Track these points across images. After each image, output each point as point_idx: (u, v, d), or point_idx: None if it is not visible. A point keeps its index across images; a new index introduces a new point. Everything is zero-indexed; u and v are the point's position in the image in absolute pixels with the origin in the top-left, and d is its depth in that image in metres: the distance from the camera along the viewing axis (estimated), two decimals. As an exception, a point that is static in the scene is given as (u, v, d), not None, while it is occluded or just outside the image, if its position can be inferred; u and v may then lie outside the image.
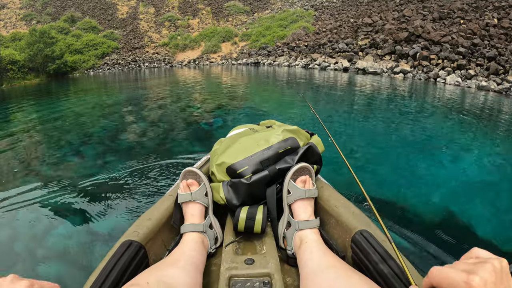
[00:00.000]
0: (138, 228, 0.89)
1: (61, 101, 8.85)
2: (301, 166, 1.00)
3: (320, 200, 1.03)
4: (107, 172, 3.05)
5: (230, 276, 0.78)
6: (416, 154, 3.22)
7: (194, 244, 0.88)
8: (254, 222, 0.93)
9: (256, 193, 1.01)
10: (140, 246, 0.83)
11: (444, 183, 2.49)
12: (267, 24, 23.60)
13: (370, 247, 0.77)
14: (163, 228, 0.97)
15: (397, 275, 0.67)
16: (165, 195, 1.09)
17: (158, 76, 14.68)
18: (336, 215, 0.94)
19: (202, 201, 0.99)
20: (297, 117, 5.12)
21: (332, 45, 16.02)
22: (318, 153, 1.11)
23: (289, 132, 1.13)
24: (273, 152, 1.05)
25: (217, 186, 1.04)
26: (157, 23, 26.94)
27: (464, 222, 1.97)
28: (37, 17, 26.59)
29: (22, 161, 3.65)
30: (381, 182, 2.48)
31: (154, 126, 4.95)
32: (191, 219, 0.96)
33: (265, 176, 1.00)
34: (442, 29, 12.46)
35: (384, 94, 7.30)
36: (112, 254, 0.78)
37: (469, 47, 10.61)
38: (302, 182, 0.98)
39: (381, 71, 11.57)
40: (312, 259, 0.77)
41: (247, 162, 1.03)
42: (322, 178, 1.17)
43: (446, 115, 5.12)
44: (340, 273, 0.69)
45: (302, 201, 0.96)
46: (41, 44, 17.42)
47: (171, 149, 3.80)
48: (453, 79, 9.25)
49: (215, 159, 1.10)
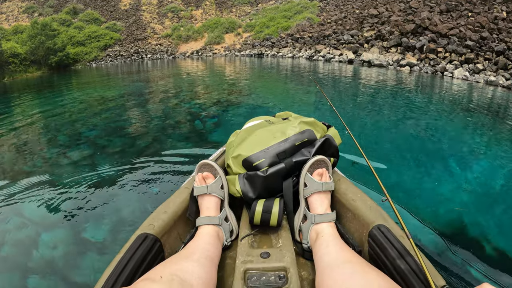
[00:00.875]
0: (154, 221, 0.89)
1: (63, 94, 8.85)
2: (318, 159, 0.99)
3: (336, 193, 1.02)
4: (120, 165, 3.05)
5: (246, 269, 0.78)
6: (437, 150, 3.14)
7: (209, 237, 0.88)
8: (270, 215, 0.93)
9: (272, 186, 1.01)
10: (155, 239, 0.83)
11: (464, 183, 2.41)
12: (271, 15, 23.32)
13: (388, 243, 0.76)
14: (179, 221, 0.97)
15: (415, 272, 0.67)
16: (181, 188, 1.09)
17: (161, 68, 14.61)
18: (353, 209, 0.93)
19: (217, 194, 0.99)
20: (311, 109, 5.07)
21: (337, 36, 15.82)
22: (335, 146, 1.10)
23: (306, 124, 1.12)
24: (289, 145, 1.04)
25: (233, 178, 1.04)
26: (160, 14, 26.69)
27: (484, 225, 1.92)
28: (39, 9, 26.42)
29: (30, 152, 3.67)
30: (399, 176, 2.43)
31: (164, 119, 4.94)
32: (206, 212, 0.96)
33: (281, 169, 1.00)
34: (449, 22, 12.22)
35: (393, 88, 7.18)
36: (127, 247, 0.78)
37: (477, 40, 10.40)
38: (319, 175, 0.98)
39: (387, 64, 11.39)
40: (328, 254, 0.77)
41: (263, 154, 1.03)
42: (339, 171, 1.17)
43: (466, 113, 4.99)
44: (356, 268, 0.68)
45: (318, 194, 0.95)
46: (42, 36, 17.34)
47: (184, 141, 3.80)
48: (461, 73, 9.07)
49: (231, 151, 1.09)
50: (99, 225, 2.04)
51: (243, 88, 7.67)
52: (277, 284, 0.74)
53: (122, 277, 0.69)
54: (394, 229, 0.80)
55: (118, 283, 0.68)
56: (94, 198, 2.39)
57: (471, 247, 1.70)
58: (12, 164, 3.35)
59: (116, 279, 0.68)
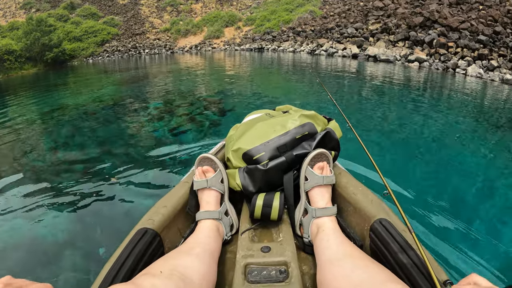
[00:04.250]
0: (154, 215, 0.90)
1: (58, 91, 8.89)
2: (318, 152, 1.00)
3: (338, 187, 1.03)
4: (119, 160, 3.09)
5: (246, 264, 0.79)
6: (439, 145, 3.15)
7: (209, 231, 0.89)
8: (271, 209, 0.94)
9: (273, 179, 1.02)
10: (155, 234, 0.85)
11: (467, 178, 2.42)
12: (273, 8, 23.22)
13: (390, 236, 0.77)
14: (179, 215, 0.98)
15: (417, 266, 0.68)
16: (180, 182, 1.10)
17: (159, 63, 14.62)
18: (354, 202, 0.94)
19: (217, 188, 1.00)
20: (312, 102, 5.07)
21: (340, 29, 15.69)
22: (336, 139, 1.10)
23: (306, 117, 1.13)
24: (290, 138, 1.05)
25: (233, 172, 1.05)
26: (159, 8, 26.65)
27: (488, 220, 1.92)
28: (37, 5, 26.44)
29: (31, 150, 3.71)
30: (400, 170, 2.44)
31: (163, 113, 4.98)
32: (206, 206, 0.97)
33: (282, 163, 1.01)
34: (459, 15, 12.03)
35: (400, 84, 7.08)
36: (127, 242, 0.80)
37: (490, 35, 10.06)
38: (320, 169, 0.99)
39: (394, 59, 11.19)
40: (329, 248, 0.78)
41: (263, 148, 1.04)
42: (340, 165, 1.18)
43: (473, 111, 4.90)
44: (357, 262, 0.69)
45: (319, 188, 0.96)
46: (38, 32, 17.37)
47: (184, 135, 3.84)
48: (475, 70, 8.65)
49: (231, 145, 1.11)
50: (94, 221, 2.07)
51: (242, 83, 7.69)
52: (278, 278, 0.75)
53: (122, 272, 0.71)
54: (396, 223, 0.81)
55: (118, 278, 0.69)
56: (94, 194, 2.42)
57: (474, 241, 1.72)
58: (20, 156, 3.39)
59: (116, 274, 0.70)
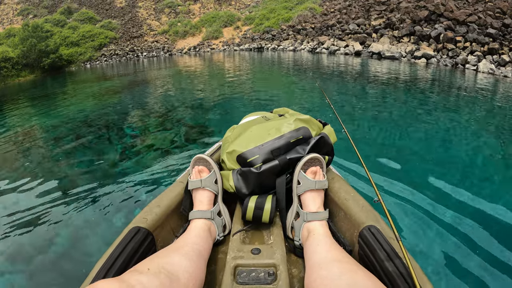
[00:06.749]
0: (147, 214, 0.94)
1: (57, 99, 9.00)
2: (312, 157, 1.02)
3: (330, 191, 1.06)
4: (115, 160, 3.16)
5: (236, 265, 0.82)
6: (433, 154, 3.09)
7: (200, 231, 0.92)
8: (263, 212, 0.97)
9: (266, 182, 1.05)
10: (147, 233, 0.88)
11: (461, 188, 2.39)
12: (272, 7, 23.33)
13: (377, 244, 0.79)
14: (172, 215, 1.02)
15: (402, 275, 0.70)
16: (175, 182, 1.14)
17: (158, 67, 14.72)
18: (345, 208, 0.96)
19: (211, 188, 1.03)
20: (309, 105, 5.09)
21: (341, 26, 15.67)
22: (330, 144, 1.13)
23: (301, 121, 1.15)
24: (284, 142, 1.08)
25: (227, 174, 1.08)
26: (156, 10, 26.86)
27: (477, 231, 1.91)
28: (34, 11, 26.78)
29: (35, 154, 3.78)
30: (392, 178, 2.46)
31: (161, 115, 5.08)
32: (199, 205, 1.00)
33: (275, 166, 1.04)
34: (466, 8, 11.82)
35: (406, 84, 6.75)
36: (119, 240, 0.83)
37: (499, 28, 9.80)
38: (313, 173, 1.01)
39: (400, 56, 10.87)
40: (318, 252, 0.80)
41: (257, 151, 1.07)
42: (334, 169, 1.20)
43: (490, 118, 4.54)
44: (345, 267, 0.71)
45: (311, 192, 0.99)
46: (34, 39, 17.55)
47: (181, 136, 3.90)
48: (487, 66, 8.26)
49: (226, 146, 1.14)
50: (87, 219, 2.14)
51: (241, 85, 7.75)
52: (266, 280, 0.77)
53: (113, 270, 0.73)
54: (385, 231, 0.83)
55: (108, 275, 0.72)
56: (91, 190, 2.50)
57: (461, 251, 1.72)
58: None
59: (107, 272, 0.73)
